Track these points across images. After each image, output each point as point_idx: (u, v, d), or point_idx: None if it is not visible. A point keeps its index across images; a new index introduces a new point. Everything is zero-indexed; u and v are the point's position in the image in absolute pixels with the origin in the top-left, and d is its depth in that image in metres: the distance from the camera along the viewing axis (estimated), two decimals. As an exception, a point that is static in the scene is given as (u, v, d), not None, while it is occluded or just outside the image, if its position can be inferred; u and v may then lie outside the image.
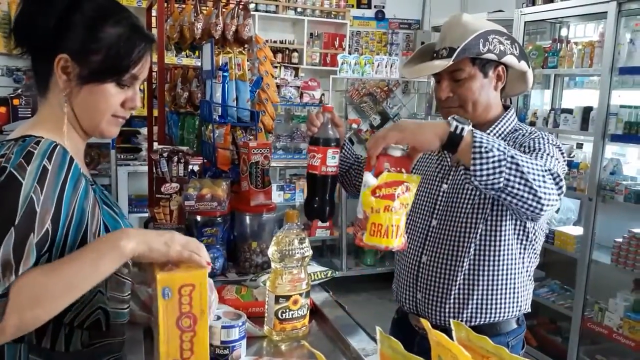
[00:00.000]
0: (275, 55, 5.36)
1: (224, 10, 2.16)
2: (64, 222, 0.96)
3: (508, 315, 1.46)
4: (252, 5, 5.15)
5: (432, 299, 1.48)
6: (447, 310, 1.46)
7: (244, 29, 2.10)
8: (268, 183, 1.84)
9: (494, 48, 1.38)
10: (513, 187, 1.13)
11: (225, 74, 1.93)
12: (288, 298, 1.26)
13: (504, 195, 1.16)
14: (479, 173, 1.12)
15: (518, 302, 1.46)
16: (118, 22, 1.02)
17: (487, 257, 1.41)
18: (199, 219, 1.76)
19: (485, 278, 1.43)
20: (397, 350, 0.66)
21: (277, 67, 5.26)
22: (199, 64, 2.33)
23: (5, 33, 4.33)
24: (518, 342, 1.51)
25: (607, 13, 3.03)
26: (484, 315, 1.44)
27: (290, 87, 4.88)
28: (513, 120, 1.50)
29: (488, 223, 1.40)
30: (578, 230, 3.38)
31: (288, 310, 1.27)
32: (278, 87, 4.63)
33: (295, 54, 5.74)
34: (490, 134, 1.43)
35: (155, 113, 3.08)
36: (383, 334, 0.69)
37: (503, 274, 1.43)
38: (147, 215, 2.48)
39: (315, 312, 1.45)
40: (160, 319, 0.93)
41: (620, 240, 3.04)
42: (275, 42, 5.65)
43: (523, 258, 1.44)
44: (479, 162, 1.11)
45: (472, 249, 1.42)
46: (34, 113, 1.11)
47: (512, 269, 1.43)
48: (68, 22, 0.99)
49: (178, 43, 2.54)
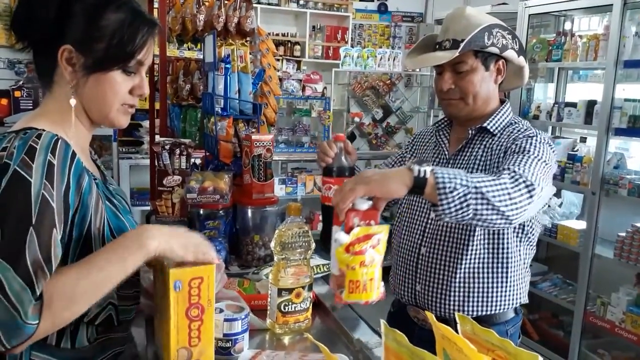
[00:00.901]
0: (278, 48, 5.33)
1: (227, 2, 2.15)
2: (69, 217, 0.95)
3: (508, 306, 1.49)
4: (254, -2, 5.12)
5: (432, 291, 1.50)
6: (450, 303, 1.47)
7: (246, 21, 2.09)
8: (270, 176, 1.84)
9: (497, 42, 1.41)
10: (482, 214, 1.17)
11: (228, 66, 1.91)
12: (291, 291, 1.26)
13: (475, 222, 1.20)
14: (447, 211, 1.15)
15: (517, 293, 1.49)
16: (119, 7, 1.01)
17: (486, 249, 1.44)
18: (201, 212, 1.75)
19: (486, 270, 1.45)
20: (402, 343, 0.66)
21: (279, 60, 5.24)
22: (201, 57, 2.32)
23: (7, 25, 4.32)
24: (516, 330, 1.55)
25: (612, 6, 3.01)
26: (486, 307, 1.47)
27: (293, 80, 4.86)
28: (509, 114, 1.52)
29: None
30: (581, 225, 3.37)
31: (291, 303, 1.26)
32: (280, 80, 4.62)
33: (298, 47, 5.71)
34: (488, 126, 1.47)
35: (157, 106, 3.07)
36: (388, 327, 0.69)
37: (503, 266, 1.45)
38: (149, 208, 2.47)
39: (318, 305, 1.45)
40: (172, 310, 0.97)
41: (624, 235, 3.03)
42: (278, 35, 5.62)
43: (520, 250, 1.47)
44: (446, 201, 1.14)
45: (472, 242, 1.43)
46: (36, 105, 1.09)
47: (511, 261, 1.45)
48: (68, 12, 0.98)
49: (180, 35, 2.52)
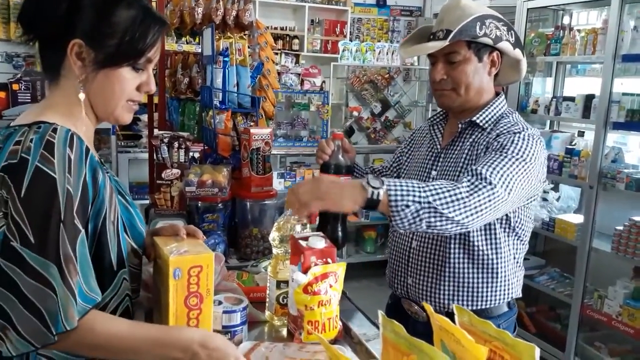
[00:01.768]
0: (276, 42, 5.32)
1: (225, -5, 2.14)
2: (88, 212, 0.96)
3: (499, 301, 1.49)
4: (252, -9, 5.09)
5: (423, 285, 1.50)
6: (440, 297, 1.48)
7: (245, 14, 2.08)
8: (269, 169, 1.84)
9: (490, 33, 1.39)
10: (435, 225, 1.23)
11: (226, 59, 1.91)
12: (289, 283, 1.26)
13: (430, 231, 1.27)
14: (401, 225, 1.22)
15: (508, 288, 1.49)
16: (130, 4, 1.00)
17: (474, 244, 1.44)
18: (200, 205, 1.76)
19: (475, 265, 1.45)
20: (399, 334, 0.66)
21: (277, 53, 5.22)
22: (200, 50, 2.31)
23: (5, 19, 4.29)
24: (509, 324, 1.54)
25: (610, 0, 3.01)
26: (477, 302, 1.47)
27: (291, 74, 4.85)
28: (502, 107, 1.50)
29: None
30: (579, 218, 3.37)
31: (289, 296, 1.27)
32: (279, 74, 4.60)
33: (296, 41, 5.70)
34: (477, 120, 1.47)
35: (156, 100, 3.07)
36: (386, 318, 0.69)
37: (492, 261, 1.45)
38: (147, 202, 2.48)
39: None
40: (171, 298, 0.98)
41: (621, 229, 3.04)
42: (276, 28, 5.61)
43: (508, 245, 1.46)
44: (399, 217, 1.21)
45: (459, 237, 1.44)
46: (34, 98, 1.09)
47: (500, 256, 1.45)
48: (79, 6, 0.97)
49: (178, 29, 2.51)
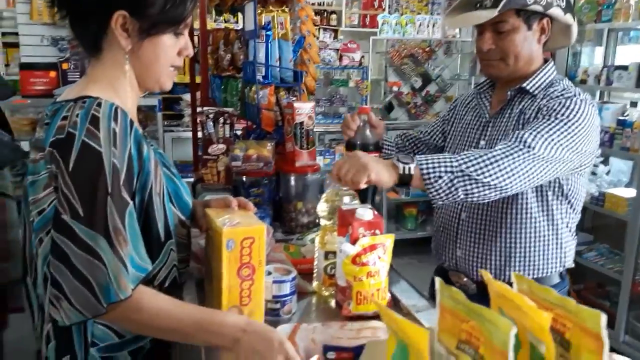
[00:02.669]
0: (314, 18, 5.27)
1: (265, -31, 2.13)
2: (133, 184, 0.98)
3: (551, 270, 1.47)
4: (289, -33, 5.04)
5: (473, 256, 1.49)
6: (491, 267, 1.47)
7: (286, -12, 2.07)
8: (312, 144, 1.83)
9: None
10: (473, 193, 1.23)
11: (269, 33, 1.90)
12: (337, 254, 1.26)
13: (470, 200, 1.26)
14: (437, 197, 1.23)
15: (560, 256, 1.47)
16: None
17: (527, 211, 1.42)
18: (246, 180, 1.78)
19: (528, 233, 1.43)
20: (458, 301, 0.65)
21: (316, 29, 5.17)
22: (238, 29, 2.31)
23: (50, 2, 4.40)
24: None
25: (669, -40, 2.84)
26: (529, 271, 1.45)
27: (330, 49, 4.80)
28: (551, 74, 1.46)
29: None
30: (630, 192, 3.25)
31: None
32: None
33: (334, 16, 5.63)
34: (527, 87, 1.43)
35: (198, 79, 3.10)
36: (443, 284, 0.68)
37: (544, 228, 1.43)
38: (192, 180, 2.54)
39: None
40: (224, 269, 0.99)
41: (676, 202, 2.92)
42: (314, 4, 5.54)
43: (561, 212, 1.44)
44: (434, 189, 1.22)
45: (513, 205, 1.42)
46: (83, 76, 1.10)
47: (552, 222, 1.43)
48: None
49: (219, 5, 2.52)
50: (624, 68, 3.25)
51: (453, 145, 1.60)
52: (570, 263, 1.51)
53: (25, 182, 1.02)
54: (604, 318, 0.60)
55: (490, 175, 1.21)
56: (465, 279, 1.51)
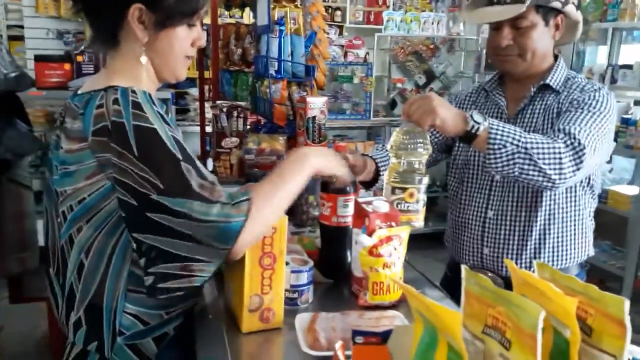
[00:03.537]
0: (319, 14, 5.27)
1: (277, -35, 2.14)
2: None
3: (575, 260, 1.49)
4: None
5: (502, 253, 1.49)
6: (520, 261, 1.47)
7: (297, -17, 2.09)
8: (324, 138, 1.86)
9: None
10: (527, 174, 1.23)
11: (282, 28, 1.92)
12: (404, 190, 1.27)
13: (520, 180, 1.26)
14: (494, 165, 1.23)
15: (584, 245, 1.50)
16: None
17: (557, 204, 1.43)
18: (258, 173, 1.80)
19: (557, 225, 1.45)
20: (485, 287, 0.67)
21: (322, 25, 5.17)
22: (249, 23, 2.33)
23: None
24: None
25: (675, -40, 2.86)
26: (555, 262, 1.46)
27: (335, 46, 4.81)
28: (565, 69, 1.49)
29: None
30: (633, 190, 3.28)
31: (403, 202, 1.27)
32: (323, 45, 4.57)
33: (339, 12, 5.64)
34: (550, 82, 1.44)
35: (207, 74, 3.11)
36: (469, 271, 0.70)
37: (571, 219, 1.45)
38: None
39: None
40: (246, 258, 1.01)
41: (679, 200, 2.95)
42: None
43: (585, 200, 1.46)
44: (494, 156, 1.22)
45: (543, 199, 1.42)
46: (97, 69, 1.11)
47: (578, 212, 1.45)
48: None
49: (229, 0, 2.54)
50: (629, 67, 3.28)
51: (468, 149, 1.56)
52: (592, 252, 1.53)
53: (48, 173, 1.03)
54: (627, 304, 0.62)
55: (550, 165, 1.22)
56: (490, 274, 1.51)
